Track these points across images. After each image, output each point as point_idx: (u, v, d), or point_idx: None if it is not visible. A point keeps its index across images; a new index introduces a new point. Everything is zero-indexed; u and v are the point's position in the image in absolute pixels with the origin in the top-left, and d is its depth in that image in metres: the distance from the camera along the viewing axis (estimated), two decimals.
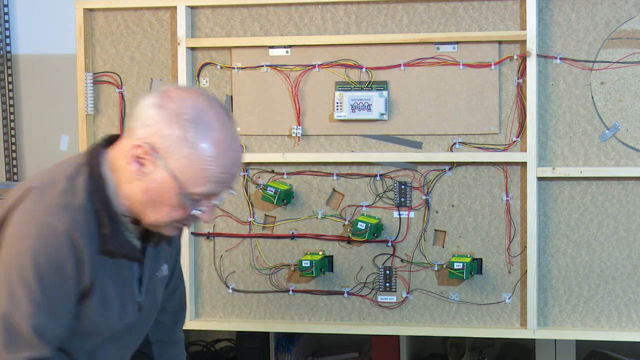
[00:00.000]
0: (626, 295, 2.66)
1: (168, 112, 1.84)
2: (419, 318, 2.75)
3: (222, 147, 1.85)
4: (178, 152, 1.83)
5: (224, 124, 1.87)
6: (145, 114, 1.86)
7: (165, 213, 1.89)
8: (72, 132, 3.82)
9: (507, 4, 2.64)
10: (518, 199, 2.67)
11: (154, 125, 1.84)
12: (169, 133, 1.83)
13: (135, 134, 1.86)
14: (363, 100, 2.70)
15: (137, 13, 2.82)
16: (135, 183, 1.88)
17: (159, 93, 1.87)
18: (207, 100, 1.88)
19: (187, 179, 1.84)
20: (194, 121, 1.83)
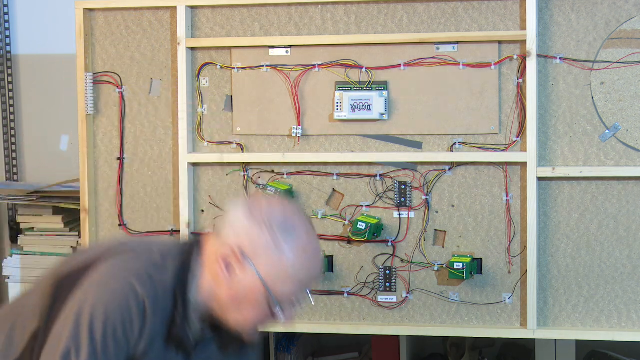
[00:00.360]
0: (626, 295, 2.66)
1: (258, 219, 1.95)
2: (419, 318, 2.75)
3: (309, 254, 1.97)
4: (267, 257, 1.93)
5: (309, 231, 1.99)
6: (235, 220, 1.97)
7: (249, 315, 1.98)
8: (72, 132, 3.82)
9: (507, 4, 2.64)
10: (518, 199, 2.67)
11: (243, 231, 1.95)
12: (259, 239, 1.94)
13: (225, 239, 1.97)
14: (363, 100, 2.70)
15: (137, 13, 2.82)
16: (221, 285, 1.97)
17: (248, 200, 2.01)
18: (292, 209, 2.01)
19: (274, 283, 1.94)
20: (282, 228, 1.94)
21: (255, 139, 2.78)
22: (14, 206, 3.87)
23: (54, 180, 3.60)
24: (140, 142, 2.84)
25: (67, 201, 3.35)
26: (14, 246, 3.57)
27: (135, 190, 2.85)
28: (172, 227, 2.84)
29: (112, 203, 2.86)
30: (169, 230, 2.84)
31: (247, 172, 2.78)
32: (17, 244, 3.47)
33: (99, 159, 2.87)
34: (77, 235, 3.36)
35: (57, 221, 3.39)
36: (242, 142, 2.79)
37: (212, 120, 2.81)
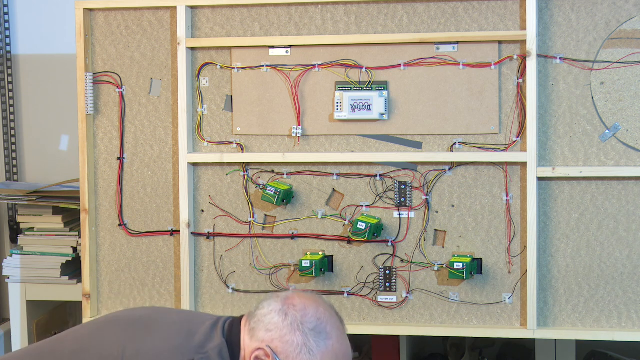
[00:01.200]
0: (626, 295, 2.66)
1: (291, 319, 2.01)
2: (419, 318, 2.75)
3: (339, 357, 2.03)
4: (298, 358, 1.99)
5: (341, 333, 2.05)
6: (268, 319, 2.03)
7: None
8: (72, 132, 3.82)
9: (507, 4, 2.64)
10: (518, 199, 2.67)
11: (276, 330, 2.01)
12: (291, 340, 2.00)
13: (258, 336, 2.02)
14: (363, 100, 2.70)
15: (137, 13, 2.82)
16: None
17: (282, 299, 2.06)
18: (327, 310, 2.06)
19: None
20: (315, 330, 2.01)
21: (255, 139, 2.78)
22: (14, 206, 3.87)
23: (54, 180, 3.60)
24: (140, 142, 2.84)
25: (67, 201, 3.35)
26: (14, 246, 3.57)
27: (135, 190, 2.85)
28: (172, 227, 2.84)
29: (112, 203, 2.86)
30: (169, 230, 2.84)
31: (247, 172, 2.78)
32: (17, 244, 3.47)
33: (99, 159, 2.87)
34: (77, 235, 3.36)
35: (57, 221, 3.39)
36: (242, 142, 2.79)
37: (212, 120, 2.81)
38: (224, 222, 2.81)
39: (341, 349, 2.04)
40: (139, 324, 2.11)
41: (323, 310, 2.06)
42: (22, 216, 3.45)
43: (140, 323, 2.12)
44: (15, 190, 3.50)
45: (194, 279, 2.83)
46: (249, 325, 2.06)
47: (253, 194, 2.79)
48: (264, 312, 2.05)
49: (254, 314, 2.07)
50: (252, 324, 2.05)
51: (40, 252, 3.38)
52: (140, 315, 2.16)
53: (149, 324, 2.11)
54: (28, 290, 3.40)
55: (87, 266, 2.86)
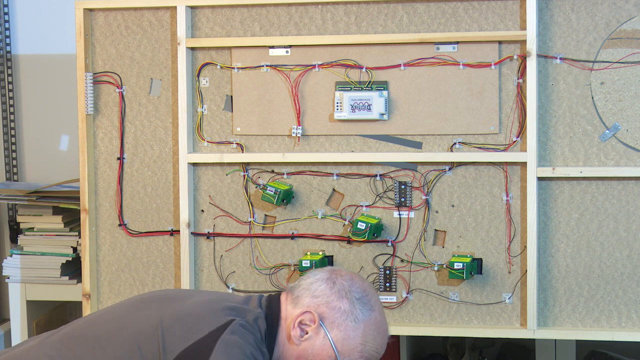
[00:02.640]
0: (626, 295, 2.66)
1: (339, 287, 2.06)
2: (419, 318, 2.75)
3: (381, 328, 2.07)
4: (343, 324, 2.03)
5: (382, 309, 2.09)
6: (315, 286, 2.07)
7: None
8: (72, 132, 3.82)
9: (507, 4, 2.64)
10: (518, 199, 2.67)
11: (323, 297, 2.05)
12: (338, 306, 2.04)
13: (303, 302, 2.06)
14: (363, 100, 2.70)
15: (137, 13, 2.82)
16: (291, 346, 2.05)
17: (329, 270, 2.10)
18: (370, 285, 2.12)
19: (345, 350, 2.03)
20: (361, 300, 2.05)
21: (255, 139, 2.79)
22: (14, 206, 3.87)
23: (54, 180, 3.60)
24: (140, 142, 2.84)
25: (67, 201, 3.35)
26: (14, 246, 3.57)
27: (135, 190, 2.85)
28: (172, 227, 2.84)
29: (112, 203, 2.86)
30: (169, 230, 2.84)
31: (247, 172, 2.78)
32: (17, 244, 3.47)
33: (99, 159, 2.87)
34: (77, 235, 3.36)
35: (57, 221, 3.39)
36: (242, 142, 2.79)
37: (212, 120, 2.81)
38: (224, 222, 2.81)
39: (382, 323, 2.08)
40: (173, 299, 2.12)
41: (368, 284, 2.11)
42: (22, 216, 3.45)
43: (175, 298, 2.13)
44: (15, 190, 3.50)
45: (194, 279, 2.83)
46: (292, 295, 2.09)
47: (253, 194, 2.79)
48: (310, 281, 2.09)
49: (298, 285, 2.10)
50: (297, 292, 2.09)
51: (40, 252, 3.38)
52: (173, 293, 2.20)
53: (183, 298, 2.12)
54: (28, 290, 3.40)
55: (87, 266, 2.86)
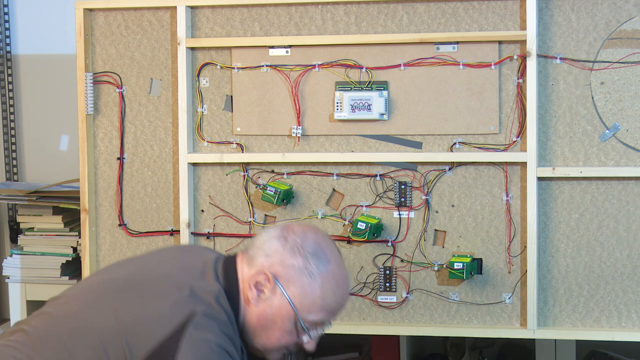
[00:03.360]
0: (626, 295, 2.66)
1: (291, 244, 2.02)
2: (419, 318, 2.75)
3: (339, 280, 2.04)
4: (299, 281, 2.00)
5: (339, 259, 2.06)
6: (267, 245, 2.04)
7: (276, 338, 2.04)
8: (72, 132, 3.82)
9: (507, 4, 2.64)
10: (518, 199, 2.67)
11: (276, 255, 2.02)
12: (292, 263, 2.01)
13: (257, 262, 2.03)
14: (363, 100, 2.70)
15: (137, 13, 2.82)
16: (251, 308, 2.03)
17: (280, 227, 2.06)
18: (325, 237, 2.07)
19: (304, 306, 2.01)
20: (315, 254, 2.02)
21: (255, 139, 2.79)
22: (14, 206, 3.87)
23: (54, 180, 3.60)
24: (140, 142, 2.84)
25: (67, 201, 3.35)
26: (14, 246, 3.57)
27: (135, 190, 2.85)
28: (172, 227, 2.84)
29: (112, 203, 2.86)
30: (169, 230, 2.84)
31: (247, 172, 2.78)
32: (17, 244, 3.47)
33: (99, 159, 2.87)
34: (77, 235, 3.36)
35: (57, 221, 3.39)
36: (242, 142, 2.79)
37: (212, 120, 2.81)
38: (224, 222, 2.81)
39: (340, 274, 2.05)
40: (127, 289, 2.06)
41: (322, 236, 2.07)
42: (22, 216, 3.45)
43: (129, 286, 2.06)
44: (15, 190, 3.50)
45: None
46: (247, 255, 2.06)
47: (253, 194, 2.79)
48: (262, 240, 2.06)
49: (252, 244, 2.07)
50: (251, 252, 2.06)
51: (40, 252, 3.38)
52: (125, 277, 2.09)
53: (138, 286, 2.06)
54: (28, 290, 3.40)
55: (87, 266, 2.86)
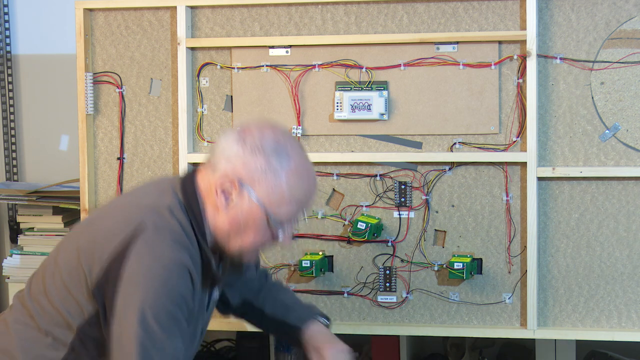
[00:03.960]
0: (626, 295, 2.66)
1: (250, 145, 2.02)
2: (419, 318, 2.75)
3: (303, 173, 2.05)
4: (264, 180, 2.01)
5: (301, 153, 2.06)
6: (227, 150, 2.03)
7: (251, 240, 2.05)
8: (72, 132, 3.82)
9: (507, 4, 2.64)
10: (518, 199, 2.67)
11: (237, 158, 2.02)
12: (254, 164, 2.01)
13: (220, 169, 2.03)
14: (363, 100, 2.70)
15: (137, 13, 2.82)
16: (221, 214, 2.04)
17: (238, 130, 2.04)
18: (285, 133, 2.07)
19: (273, 204, 2.02)
20: (276, 151, 2.02)
21: None
22: (14, 206, 3.87)
23: (54, 180, 3.60)
24: (140, 142, 2.84)
25: (67, 201, 3.35)
26: (14, 246, 3.57)
27: None
28: None
29: None
30: None
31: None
32: (17, 244, 3.47)
33: (99, 159, 2.87)
34: None
35: (57, 221, 3.39)
36: None
37: (212, 120, 2.81)
38: None
39: (303, 166, 2.06)
40: (87, 221, 2.13)
41: (280, 133, 2.06)
42: (22, 216, 3.45)
43: (88, 220, 2.13)
44: (15, 190, 3.50)
45: None
46: (209, 165, 2.07)
47: None
48: (221, 146, 2.05)
49: (212, 152, 2.07)
50: (212, 161, 2.06)
51: (41, 252, 3.38)
52: (87, 218, 2.15)
53: (95, 217, 2.13)
54: None
55: None
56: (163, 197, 2.07)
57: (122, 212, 2.06)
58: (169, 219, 2.02)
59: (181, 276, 1.97)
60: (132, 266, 1.94)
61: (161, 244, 1.97)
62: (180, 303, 1.97)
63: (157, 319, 1.92)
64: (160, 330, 1.93)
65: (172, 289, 1.95)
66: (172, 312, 1.95)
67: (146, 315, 1.92)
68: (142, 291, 1.93)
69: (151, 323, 1.92)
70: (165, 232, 1.99)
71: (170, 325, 1.94)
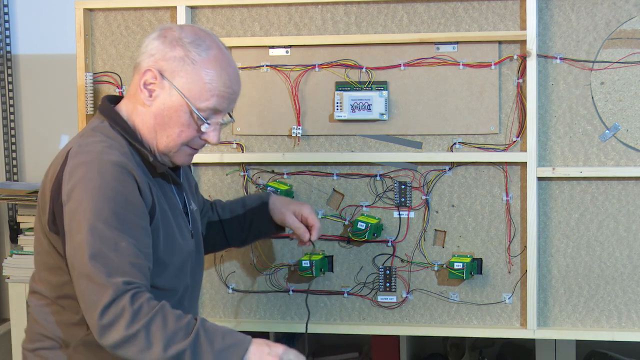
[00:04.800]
0: (626, 295, 2.66)
1: (170, 39, 2.08)
2: (419, 318, 2.75)
3: (223, 64, 2.10)
4: (183, 70, 2.06)
5: (221, 45, 2.13)
6: (149, 46, 2.10)
7: (176, 134, 2.10)
8: (72, 132, 3.82)
9: (507, 4, 2.64)
10: (518, 199, 2.67)
11: (158, 52, 2.08)
12: (173, 55, 2.07)
13: (142, 65, 2.10)
14: (363, 100, 2.70)
15: (137, 13, 2.82)
16: (146, 111, 2.10)
17: (159, 28, 2.11)
18: (203, 30, 2.13)
19: (194, 94, 2.07)
20: (194, 43, 2.08)
21: (255, 139, 2.78)
22: (14, 206, 3.87)
23: None
24: None
25: None
26: (14, 246, 3.57)
27: None
28: None
29: None
30: None
31: (247, 172, 2.78)
32: (17, 244, 3.47)
33: None
34: None
35: None
36: (242, 142, 2.79)
37: None
38: None
39: (223, 57, 2.12)
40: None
41: (199, 28, 2.13)
42: (22, 216, 3.45)
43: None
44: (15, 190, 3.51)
45: None
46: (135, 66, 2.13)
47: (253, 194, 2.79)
48: (144, 44, 2.13)
49: (138, 54, 2.13)
50: (137, 60, 2.12)
51: None
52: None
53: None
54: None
55: None
56: (85, 128, 2.16)
57: (55, 160, 2.13)
58: (92, 135, 2.09)
59: (117, 177, 1.99)
60: (67, 186, 2.00)
61: (88, 154, 2.02)
62: (124, 202, 1.98)
63: (105, 222, 1.95)
64: (109, 230, 1.95)
65: (111, 190, 1.98)
66: (118, 212, 1.97)
67: (93, 223, 1.94)
68: (83, 202, 1.96)
69: (99, 227, 1.94)
70: (91, 146, 2.05)
71: (119, 225, 1.96)
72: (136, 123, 2.13)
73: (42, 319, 2.13)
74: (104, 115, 2.15)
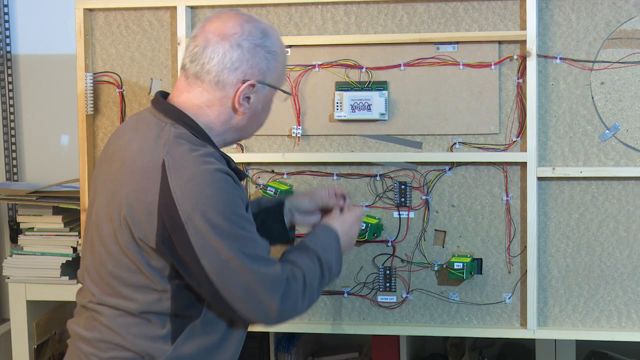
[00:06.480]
0: (626, 295, 2.66)
1: (245, 46, 2.08)
2: (419, 318, 2.75)
3: (283, 47, 2.19)
4: (269, 68, 2.12)
5: (267, 24, 2.15)
6: (225, 59, 2.08)
7: (264, 118, 2.21)
8: (72, 132, 3.82)
9: (507, 4, 2.64)
10: (518, 199, 2.67)
11: (242, 64, 2.09)
12: (257, 61, 2.10)
13: (230, 81, 2.09)
14: (363, 100, 2.70)
15: (137, 13, 2.82)
16: (242, 117, 2.13)
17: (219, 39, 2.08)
18: (246, 16, 2.12)
19: (280, 79, 2.17)
20: (263, 37, 2.10)
21: (255, 139, 2.78)
22: (14, 206, 3.87)
23: (54, 180, 3.60)
24: None
25: (67, 201, 3.35)
26: (14, 246, 3.57)
27: None
28: None
29: None
30: None
31: (247, 172, 2.78)
32: (17, 244, 3.47)
33: None
34: (77, 235, 3.36)
35: (57, 221, 3.39)
36: (242, 142, 2.79)
37: None
38: None
39: (276, 32, 2.16)
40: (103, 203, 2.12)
41: (248, 18, 2.12)
42: (22, 216, 3.45)
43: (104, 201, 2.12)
44: (15, 190, 3.50)
45: None
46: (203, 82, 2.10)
47: (253, 194, 2.79)
48: (215, 60, 2.09)
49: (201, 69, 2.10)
50: (210, 78, 2.09)
51: (40, 252, 3.38)
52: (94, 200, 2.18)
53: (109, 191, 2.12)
54: (28, 290, 3.40)
55: None
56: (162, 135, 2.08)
57: (139, 171, 2.05)
58: (180, 144, 2.04)
59: (226, 181, 2.02)
60: (182, 205, 1.98)
61: (189, 168, 2.00)
62: (239, 201, 2.03)
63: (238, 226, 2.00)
64: (244, 231, 2.01)
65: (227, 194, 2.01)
66: (240, 213, 2.02)
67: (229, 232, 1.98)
68: (210, 218, 1.97)
69: (236, 234, 1.99)
70: (186, 156, 2.02)
71: (246, 223, 2.03)
72: (218, 127, 2.13)
73: (122, 331, 2.08)
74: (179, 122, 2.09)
